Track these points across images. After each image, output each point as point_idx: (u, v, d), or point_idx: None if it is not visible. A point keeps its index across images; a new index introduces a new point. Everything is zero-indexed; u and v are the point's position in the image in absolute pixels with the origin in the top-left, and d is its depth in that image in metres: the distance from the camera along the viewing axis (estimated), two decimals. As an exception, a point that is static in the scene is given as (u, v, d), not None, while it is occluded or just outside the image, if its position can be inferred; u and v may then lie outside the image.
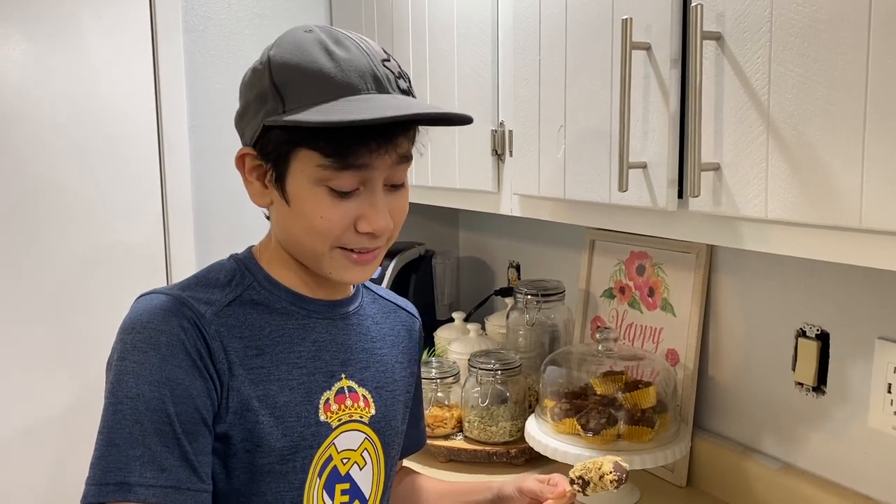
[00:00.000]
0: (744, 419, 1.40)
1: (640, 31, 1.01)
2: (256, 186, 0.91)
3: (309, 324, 0.95)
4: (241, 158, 0.91)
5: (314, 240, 0.89)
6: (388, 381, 1.03)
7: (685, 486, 1.44)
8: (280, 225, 0.93)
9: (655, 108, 1.01)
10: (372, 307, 1.06)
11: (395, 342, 1.07)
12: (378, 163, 0.86)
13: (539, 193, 1.26)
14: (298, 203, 0.87)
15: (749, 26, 0.88)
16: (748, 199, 0.90)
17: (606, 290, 1.64)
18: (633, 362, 1.43)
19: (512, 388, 1.55)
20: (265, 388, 0.88)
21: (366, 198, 0.88)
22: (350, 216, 0.87)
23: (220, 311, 0.88)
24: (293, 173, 0.87)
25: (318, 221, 0.87)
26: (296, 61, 0.84)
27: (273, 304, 0.93)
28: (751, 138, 0.89)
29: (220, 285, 0.92)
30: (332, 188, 0.86)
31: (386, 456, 1.01)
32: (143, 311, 0.86)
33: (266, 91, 0.85)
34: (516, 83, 1.30)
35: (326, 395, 0.94)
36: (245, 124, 0.90)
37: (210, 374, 0.85)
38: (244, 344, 0.89)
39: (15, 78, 1.65)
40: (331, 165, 0.84)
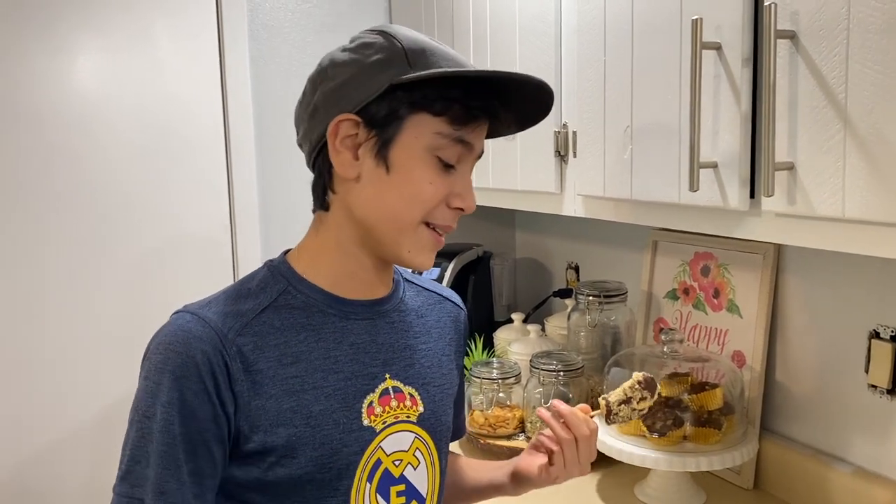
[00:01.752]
0: (813, 422, 1.38)
1: (709, 30, 1.01)
2: (346, 157, 0.89)
3: (346, 326, 0.93)
4: (337, 125, 0.89)
5: (412, 209, 0.89)
6: (435, 376, 1.01)
7: (752, 489, 1.42)
8: (365, 199, 0.90)
9: (726, 108, 1.01)
10: (416, 300, 1.04)
11: (441, 334, 1.06)
12: (478, 142, 0.91)
13: (604, 194, 1.26)
14: (405, 170, 0.88)
15: (825, 24, 0.87)
16: (824, 199, 0.89)
17: (670, 292, 1.63)
18: (699, 364, 1.42)
19: (574, 390, 1.55)
20: (299, 399, 0.88)
21: (460, 176, 0.91)
22: (447, 190, 0.90)
23: (251, 321, 0.88)
24: (404, 139, 0.87)
25: (426, 187, 0.88)
26: (421, 38, 0.89)
27: (308, 307, 0.92)
28: (827, 137, 0.88)
29: (252, 294, 0.91)
30: (441, 158, 0.88)
31: (439, 452, 1.00)
32: (167, 332, 0.87)
33: (394, 56, 0.87)
34: (580, 84, 1.30)
35: (369, 399, 0.93)
36: (349, 92, 0.88)
37: (222, 401, 0.84)
38: (279, 352, 0.88)
39: (90, 85, 1.71)
40: (449, 133, 0.87)
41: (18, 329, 1.68)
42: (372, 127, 0.87)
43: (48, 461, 1.73)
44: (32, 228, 1.67)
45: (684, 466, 1.29)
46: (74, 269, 1.72)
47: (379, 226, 0.90)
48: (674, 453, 1.30)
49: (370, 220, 0.91)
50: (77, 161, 1.71)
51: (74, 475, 1.76)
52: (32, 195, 1.67)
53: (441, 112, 0.87)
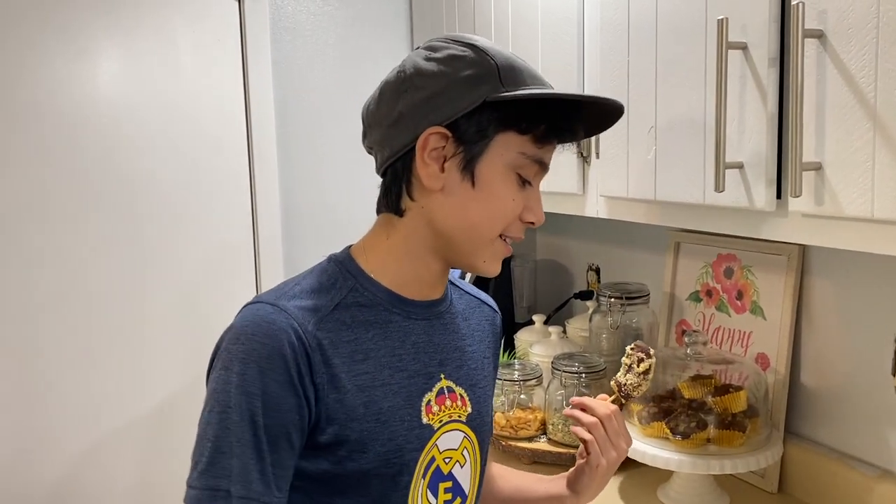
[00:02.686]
0: (839, 425, 1.37)
1: (735, 30, 1.00)
2: (433, 169, 0.90)
3: (409, 325, 0.95)
4: (426, 137, 0.89)
5: (493, 223, 0.92)
6: (479, 377, 1.04)
7: (776, 493, 1.41)
8: (449, 210, 0.92)
9: (752, 108, 1.00)
10: (459, 303, 1.07)
11: (481, 337, 1.08)
12: (550, 160, 0.94)
13: (627, 195, 1.26)
14: (489, 186, 0.90)
15: (854, 23, 0.86)
16: (852, 199, 0.89)
17: (692, 293, 1.62)
18: (722, 366, 1.41)
19: (596, 392, 1.54)
20: (370, 394, 0.89)
21: (531, 192, 0.94)
22: (522, 205, 0.92)
23: (327, 316, 0.89)
24: (491, 155, 0.89)
25: (509, 203, 0.91)
26: (509, 55, 0.91)
27: (375, 306, 0.93)
28: (855, 137, 0.87)
29: (324, 289, 0.92)
30: (521, 175, 0.91)
31: (482, 451, 1.03)
32: (249, 322, 0.87)
33: (486, 73, 0.88)
34: (603, 84, 1.30)
35: (428, 397, 0.95)
36: (440, 105, 0.89)
37: (305, 392, 0.85)
38: (351, 349, 0.90)
39: (114, 88, 1.73)
40: (532, 153, 0.90)
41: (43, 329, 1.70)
42: (461, 142, 0.89)
43: (94, 461, 1.75)
44: (59, 230, 1.69)
45: (708, 469, 1.28)
46: (96, 270, 1.74)
47: (459, 236, 0.93)
48: (697, 456, 1.29)
49: (451, 230, 0.92)
50: (100, 164, 1.73)
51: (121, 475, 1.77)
52: (58, 197, 1.69)
53: (526, 131, 0.89)
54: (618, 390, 1.12)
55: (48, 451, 1.72)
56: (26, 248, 1.67)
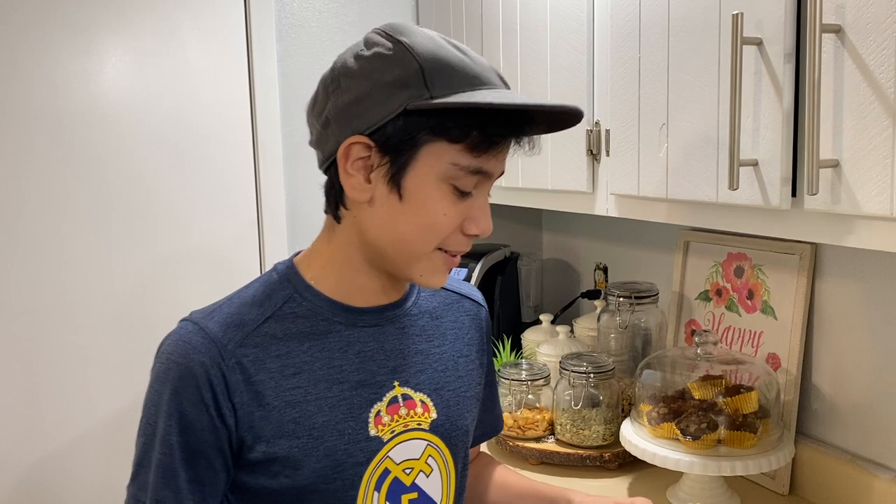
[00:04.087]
0: (851, 426, 1.35)
1: (750, 25, 0.99)
2: (357, 180, 0.85)
3: (353, 335, 0.91)
4: (347, 147, 0.84)
5: (425, 238, 0.86)
6: (449, 379, 0.99)
7: (787, 495, 1.40)
8: (376, 223, 0.87)
9: (767, 105, 0.98)
10: (431, 301, 1.02)
11: (458, 335, 1.03)
12: (498, 168, 0.87)
13: (639, 193, 1.24)
14: (419, 199, 0.84)
15: (873, 17, 0.85)
16: (870, 197, 0.87)
17: (702, 293, 1.60)
18: (733, 366, 1.40)
19: (604, 392, 1.54)
20: (302, 409, 0.87)
21: (475, 200, 0.87)
22: (461, 217, 0.86)
23: (254, 331, 0.87)
24: (419, 167, 0.83)
25: (440, 219, 0.85)
26: (440, 52, 0.82)
27: (314, 316, 0.90)
28: (874, 133, 0.86)
29: (257, 302, 0.90)
30: (457, 187, 0.84)
31: (454, 458, 0.98)
32: (169, 342, 0.87)
33: (409, 76, 0.81)
34: (613, 81, 1.28)
35: (377, 408, 0.91)
36: (361, 111, 0.83)
37: (221, 412, 0.84)
38: (281, 363, 0.87)
39: (119, 85, 1.72)
40: (466, 164, 0.83)
41: (44, 327, 1.69)
42: (385, 152, 0.83)
43: (61, 461, 1.74)
44: (62, 227, 1.68)
45: (719, 471, 1.27)
46: (100, 269, 1.73)
47: (390, 249, 0.88)
48: (708, 457, 1.27)
49: (381, 243, 0.88)
50: (106, 161, 1.72)
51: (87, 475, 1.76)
52: (62, 194, 1.68)
53: (458, 139, 0.82)
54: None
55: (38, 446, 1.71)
56: (27, 244, 1.66)
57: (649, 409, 1.37)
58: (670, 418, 1.32)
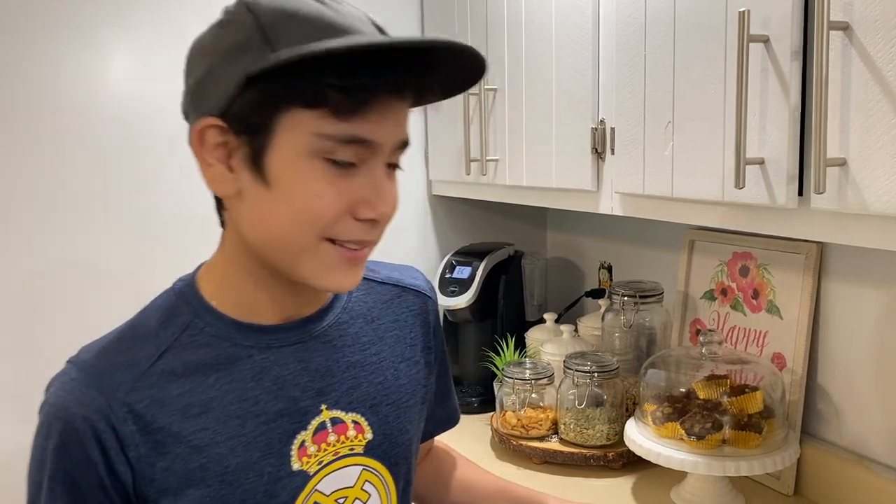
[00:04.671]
0: (857, 427, 1.34)
1: (756, 23, 0.98)
2: (218, 170, 0.74)
3: (268, 358, 0.79)
4: (200, 133, 0.73)
5: (301, 228, 0.72)
6: (388, 391, 0.88)
7: (792, 495, 1.39)
8: (250, 219, 0.75)
9: (774, 103, 0.98)
10: (365, 301, 0.90)
11: (399, 336, 0.92)
12: (383, 133, 0.72)
13: (644, 192, 1.24)
14: (285, 182, 0.71)
15: (882, 14, 0.84)
16: (878, 196, 0.86)
17: (707, 292, 1.59)
18: (738, 366, 1.39)
19: (609, 391, 1.53)
20: (211, 454, 0.76)
21: (366, 178, 0.72)
22: (347, 199, 0.72)
23: (147, 371, 0.76)
24: (278, 144, 0.70)
25: (312, 202, 0.70)
26: (285, 4, 0.70)
27: (218, 343, 0.78)
28: (882, 131, 0.85)
29: (150, 333, 0.78)
30: (334, 161, 0.70)
31: (395, 477, 0.88)
32: (52, 391, 0.76)
33: (248, 39, 0.69)
34: (619, 79, 1.28)
35: (301, 438, 0.80)
36: (208, 90, 0.72)
37: (112, 468, 0.74)
38: (183, 403, 0.76)
39: (122, 82, 1.72)
40: (333, 131, 0.69)
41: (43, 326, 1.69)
42: (239, 132, 0.71)
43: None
44: (65, 224, 1.68)
45: (724, 471, 1.26)
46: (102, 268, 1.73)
47: (268, 248, 0.75)
48: (712, 457, 1.27)
49: (258, 242, 0.76)
50: (108, 159, 1.71)
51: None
52: (65, 191, 1.68)
53: (316, 103, 0.68)
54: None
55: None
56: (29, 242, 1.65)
57: (653, 408, 1.36)
58: (675, 418, 1.32)
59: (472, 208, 2.10)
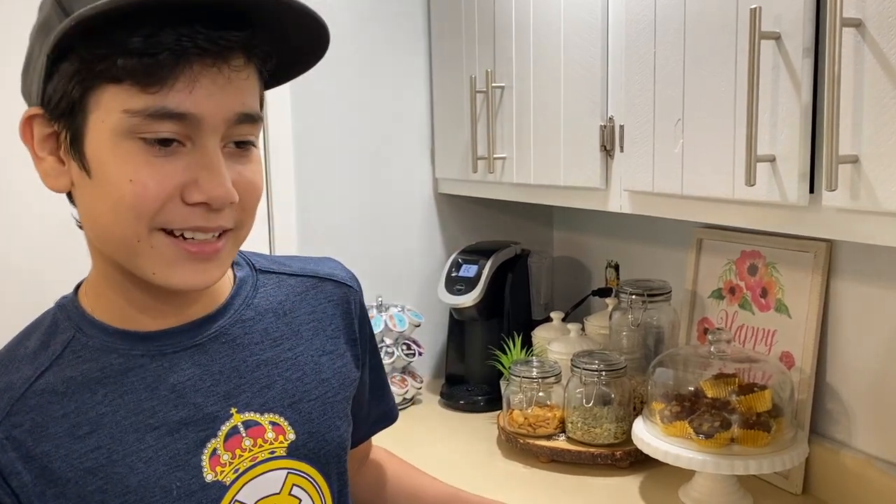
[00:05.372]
0: (866, 426, 1.34)
1: (768, 20, 0.98)
2: (50, 163, 0.69)
3: (162, 365, 0.74)
4: (27, 124, 0.68)
5: (124, 218, 0.65)
6: (308, 387, 0.82)
7: (800, 494, 1.39)
8: (83, 214, 0.70)
9: (786, 100, 0.98)
10: (275, 296, 0.84)
11: (317, 329, 0.85)
12: (193, 102, 0.64)
13: (653, 189, 1.24)
14: (104, 168, 0.65)
15: (895, 12, 0.83)
16: (891, 193, 0.86)
17: (715, 291, 1.59)
18: (746, 365, 1.39)
19: (616, 390, 1.53)
20: (107, 474, 0.70)
21: (194, 157, 0.66)
22: (173, 181, 0.65)
23: (24, 394, 0.70)
24: (93, 127, 0.65)
25: (128, 188, 0.64)
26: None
27: (103, 356, 0.72)
28: (895, 129, 0.85)
29: (28, 354, 0.73)
30: (146, 139, 0.64)
31: (327, 478, 0.82)
32: None
33: (49, 16, 0.65)
34: (628, 77, 1.27)
35: (211, 446, 0.74)
36: (29, 75, 0.69)
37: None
38: (70, 423, 0.70)
39: None
40: (143, 105, 0.63)
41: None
42: (57, 118, 0.66)
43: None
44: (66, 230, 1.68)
45: (732, 469, 1.26)
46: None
47: (107, 247, 0.70)
48: (721, 456, 1.26)
49: (97, 241, 0.71)
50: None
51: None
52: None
53: (118, 77, 0.62)
54: None
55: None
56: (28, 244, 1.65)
57: (662, 407, 1.36)
58: (683, 416, 1.32)
59: (478, 206, 2.09)
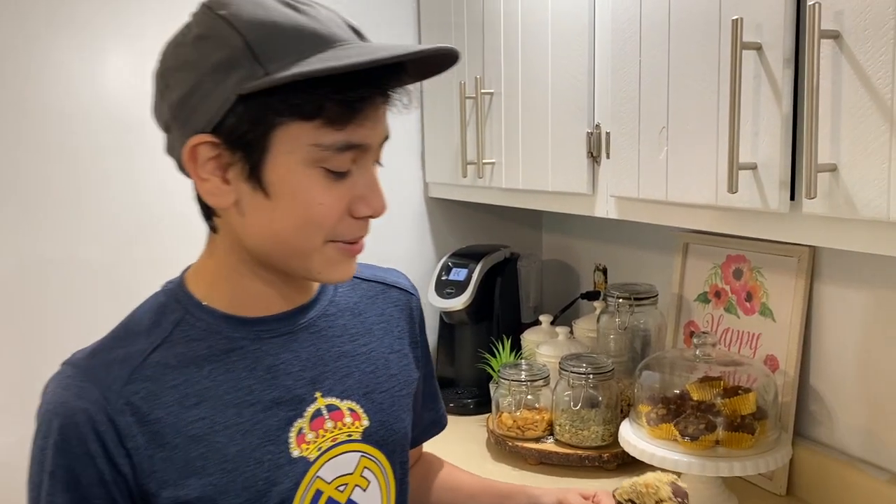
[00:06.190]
0: (849, 428, 1.36)
1: (750, 30, 1.00)
2: (214, 184, 0.75)
3: (261, 349, 0.82)
4: (192, 151, 0.74)
5: (308, 234, 0.76)
6: (380, 380, 0.91)
7: (785, 496, 1.41)
8: (250, 227, 0.77)
9: (767, 109, 0.99)
10: (351, 296, 0.93)
11: (386, 329, 0.94)
12: (374, 134, 0.76)
13: (638, 195, 1.25)
14: (287, 193, 0.74)
15: (871, 23, 0.86)
16: (868, 201, 0.88)
17: (701, 295, 1.61)
18: (731, 368, 1.41)
19: (604, 393, 1.54)
20: (210, 442, 0.77)
21: (359, 177, 0.76)
22: (345, 201, 0.76)
23: (141, 364, 0.78)
24: (276, 157, 0.72)
25: (316, 210, 0.74)
26: (266, 17, 0.71)
27: (211, 336, 0.81)
28: (872, 138, 0.87)
29: (143, 330, 0.81)
30: (329, 169, 0.74)
31: (393, 465, 0.90)
32: (49, 391, 0.78)
33: (235, 55, 0.70)
34: (614, 84, 1.29)
35: (298, 425, 0.82)
36: (196, 106, 0.73)
37: (112, 461, 0.75)
38: (179, 394, 0.78)
39: (121, 86, 1.73)
40: (330, 142, 0.72)
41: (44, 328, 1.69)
42: (234, 147, 0.73)
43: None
44: (63, 228, 1.69)
45: (717, 471, 1.28)
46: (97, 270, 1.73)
47: (273, 252, 0.78)
48: (706, 458, 1.28)
49: (262, 247, 0.79)
50: (110, 160, 1.72)
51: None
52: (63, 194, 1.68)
53: (312, 115, 0.71)
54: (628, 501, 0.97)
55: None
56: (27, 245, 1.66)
57: (648, 409, 1.38)
58: (669, 419, 1.33)
59: (468, 210, 2.11)
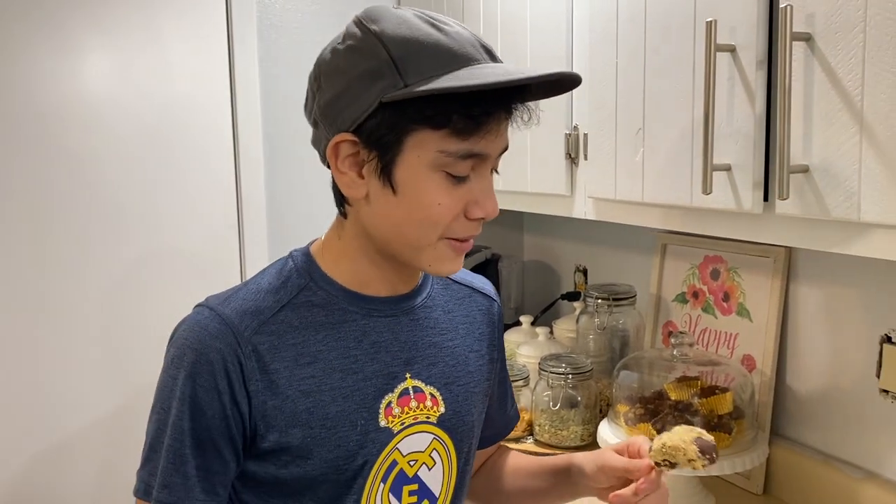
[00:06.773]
0: (824, 427, 1.37)
1: (724, 32, 1.00)
2: (350, 177, 0.85)
3: (368, 324, 0.91)
4: (336, 147, 0.84)
5: (425, 230, 0.84)
6: (459, 374, 0.98)
7: (761, 494, 1.42)
8: (376, 217, 0.86)
9: (740, 111, 1.00)
10: (443, 295, 1.01)
11: (469, 330, 1.02)
12: (494, 146, 0.84)
13: (615, 197, 1.26)
14: (412, 191, 0.83)
15: (841, 26, 0.86)
16: (839, 202, 0.89)
17: (679, 295, 1.62)
18: (708, 368, 1.41)
19: (583, 393, 1.55)
20: (316, 399, 0.86)
21: (476, 183, 0.84)
22: (462, 203, 0.84)
23: (269, 319, 0.87)
24: (406, 159, 0.81)
25: (435, 210, 0.83)
26: (410, 34, 0.80)
27: (329, 305, 0.90)
28: (842, 140, 0.88)
29: (272, 290, 0.90)
30: (451, 173, 0.82)
31: (458, 453, 0.98)
32: (186, 327, 0.87)
33: (381, 67, 0.79)
34: (592, 86, 1.30)
35: (388, 399, 0.91)
36: (343, 108, 0.83)
37: (235, 399, 0.84)
38: (296, 352, 0.87)
39: (100, 84, 1.72)
40: (455, 149, 0.80)
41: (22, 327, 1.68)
42: (371, 147, 0.82)
43: (54, 463, 1.73)
44: (41, 228, 1.68)
45: (694, 470, 1.28)
46: (83, 269, 1.73)
47: (393, 242, 0.87)
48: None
49: (384, 237, 0.88)
50: (87, 160, 1.71)
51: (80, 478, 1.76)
52: (41, 194, 1.67)
53: (441, 126, 0.79)
54: (669, 468, 0.97)
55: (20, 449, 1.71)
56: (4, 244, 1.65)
57: (626, 409, 1.39)
58: (647, 419, 1.34)
59: (449, 211, 2.11)
